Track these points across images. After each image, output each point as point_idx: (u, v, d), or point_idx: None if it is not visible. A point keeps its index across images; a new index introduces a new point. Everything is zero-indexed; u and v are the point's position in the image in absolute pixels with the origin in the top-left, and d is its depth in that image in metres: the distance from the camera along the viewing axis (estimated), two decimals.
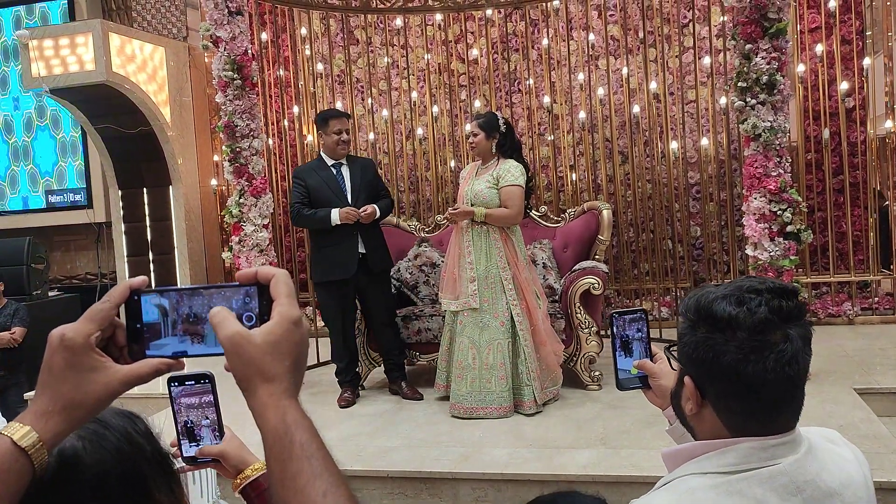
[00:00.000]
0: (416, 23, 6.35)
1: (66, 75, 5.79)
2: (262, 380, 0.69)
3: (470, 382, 3.94)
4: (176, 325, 0.73)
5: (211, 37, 4.68)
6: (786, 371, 1.05)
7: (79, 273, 7.78)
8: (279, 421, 0.68)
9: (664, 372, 1.38)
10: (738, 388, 1.07)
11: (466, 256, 3.99)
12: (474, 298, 3.95)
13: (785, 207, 4.04)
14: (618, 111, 5.98)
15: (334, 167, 4.35)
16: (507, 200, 3.95)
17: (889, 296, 5.57)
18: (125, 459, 0.72)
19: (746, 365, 1.05)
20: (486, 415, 3.93)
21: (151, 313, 0.73)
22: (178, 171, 6.46)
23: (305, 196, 4.29)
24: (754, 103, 4.05)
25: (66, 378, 0.68)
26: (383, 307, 4.43)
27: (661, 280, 5.83)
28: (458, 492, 3.27)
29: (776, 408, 1.08)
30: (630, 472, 3.09)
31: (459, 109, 6.31)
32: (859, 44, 5.62)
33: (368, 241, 4.30)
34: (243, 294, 0.72)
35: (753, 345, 1.04)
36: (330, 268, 4.27)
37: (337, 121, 4.31)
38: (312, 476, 0.67)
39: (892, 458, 3.05)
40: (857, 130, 5.64)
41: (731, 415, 1.10)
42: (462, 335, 4.00)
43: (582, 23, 6.04)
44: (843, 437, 1.20)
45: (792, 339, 1.05)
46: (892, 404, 3.92)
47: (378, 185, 4.51)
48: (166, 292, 0.74)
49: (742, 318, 1.05)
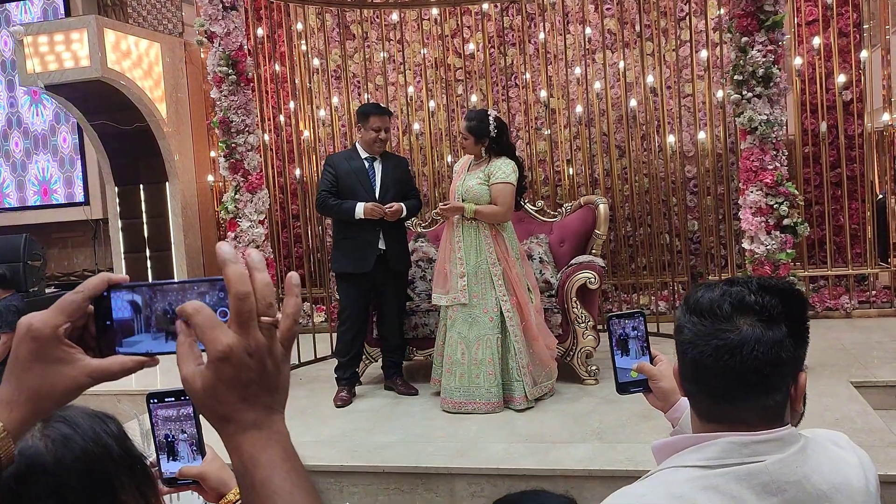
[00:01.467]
0: (412, 17, 6.33)
1: (62, 71, 5.78)
2: (219, 422, 0.66)
3: (459, 377, 3.95)
4: (150, 321, 0.71)
5: (205, 32, 4.66)
6: (725, 360, 1.04)
7: (76, 270, 7.77)
8: (238, 462, 0.66)
9: (664, 374, 1.37)
10: (686, 370, 1.11)
11: (456, 252, 3.99)
12: (463, 294, 3.95)
13: (781, 201, 4.03)
14: (615, 105, 5.97)
15: (367, 160, 4.32)
16: (498, 197, 3.96)
17: (886, 289, 5.56)
18: (90, 460, 0.71)
19: (693, 347, 1.07)
20: (475, 409, 3.92)
21: (123, 309, 0.71)
22: (175, 167, 6.45)
23: (334, 184, 4.25)
24: (750, 96, 4.04)
25: (32, 368, 0.67)
26: (396, 306, 4.41)
27: (659, 274, 5.83)
28: (453, 487, 3.27)
29: (725, 398, 1.07)
30: (626, 467, 3.10)
31: (456, 104, 6.30)
32: (856, 37, 5.61)
33: (390, 239, 4.26)
34: (218, 288, 0.69)
35: (701, 328, 1.07)
36: (347, 260, 4.26)
37: (378, 118, 4.25)
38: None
39: (887, 451, 3.05)
40: (854, 123, 5.63)
41: (690, 398, 1.14)
42: (452, 330, 4.00)
43: (578, 16, 6.02)
44: (851, 442, 1.18)
45: (743, 332, 1.04)
46: (888, 397, 3.92)
47: (409, 184, 4.49)
48: (138, 288, 0.71)
49: (704, 302, 1.07)
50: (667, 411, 1.38)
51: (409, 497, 3.30)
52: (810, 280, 5.57)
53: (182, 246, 6.53)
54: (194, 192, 6.68)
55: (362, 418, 4.03)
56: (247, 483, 0.65)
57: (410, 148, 6.36)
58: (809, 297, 5.51)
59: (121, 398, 4.75)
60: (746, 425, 1.06)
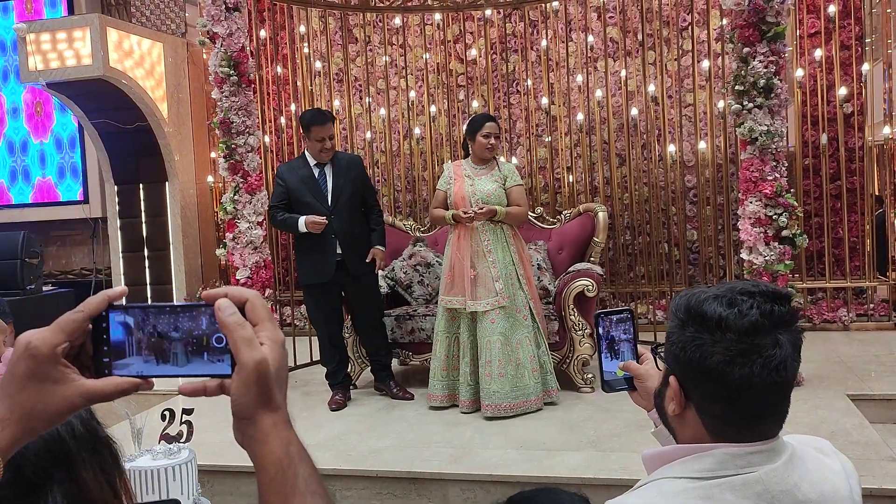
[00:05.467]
0: (414, 22, 6.34)
1: (63, 69, 5.77)
2: (267, 409, 0.67)
3: (511, 380, 3.94)
4: (141, 344, 0.71)
5: (208, 33, 4.66)
6: (773, 377, 1.03)
7: (74, 268, 7.76)
8: (283, 452, 0.67)
9: (650, 374, 1.36)
10: (723, 392, 1.05)
11: (488, 256, 3.98)
12: (503, 296, 3.95)
13: (781, 212, 4.02)
14: (616, 114, 5.97)
15: (316, 167, 4.25)
16: (519, 199, 4.08)
17: (884, 302, 5.56)
18: (50, 436, 0.70)
19: (733, 368, 1.03)
20: (525, 409, 3.95)
21: (117, 331, 0.71)
22: (175, 167, 6.44)
23: (284, 197, 4.22)
24: (751, 107, 4.03)
25: (27, 387, 0.66)
26: (368, 309, 4.38)
27: (657, 283, 5.82)
28: (447, 492, 3.26)
29: (759, 415, 1.06)
30: (620, 476, 3.09)
31: (457, 109, 6.30)
32: (858, 50, 5.61)
33: (346, 245, 4.21)
34: (212, 314, 0.69)
35: (742, 347, 1.02)
36: (309, 271, 4.26)
37: (319, 128, 4.16)
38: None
39: (882, 465, 3.04)
40: (854, 136, 5.63)
41: (713, 419, 1.08)
42: (495, 334, 3.94)
43: (581, 24, 6.03)
44: (833, 448, 1.18)
45: (781, 345, 1.03)
46: (885, 411, 3.91)
47: (365, 184, 4.38)
48: (132, 309, 0.71)
49: (732, 319, 1.03)
50: (650, 410, 1.37)
51: (403, 502, 3.29)
52: (808, 292, 5.56)
53: (180, 246, 6.52)
54: (194, 193, 6.67)
55: (357, 422, 4.02)
56: (290, 475, 0.66)
57: (411, 152, 6.36)
58: (807, 309, 5.51)
59: None
60: (745, 438, 1.06)
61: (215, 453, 3.37)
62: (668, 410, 1.13)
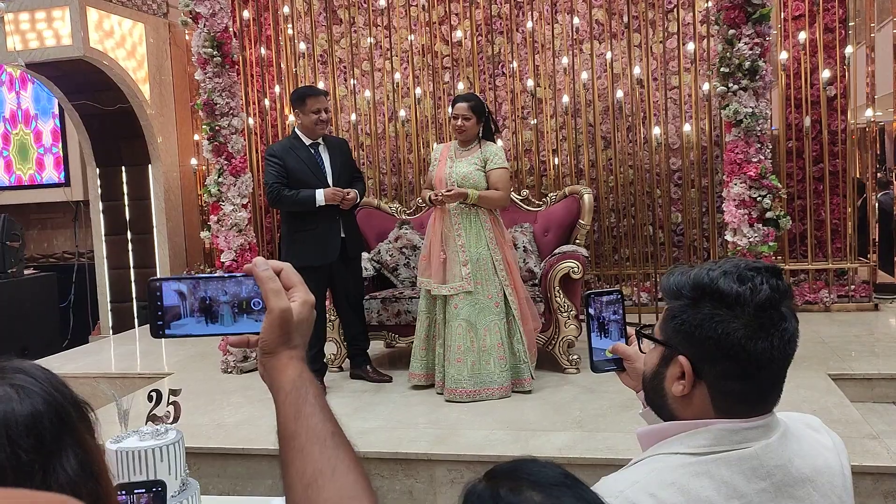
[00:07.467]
0: (399, 3, 6.29)
1: (43, 49, 5.69)
2: (287, 347, 0.83)
3: (470, 366, 3.91)
4: (193, 307, 0.85)
5: (190, 12, 4.61)
6: (787, 349, 1.06)
7: (55, 251, 7.69)
8: (297, 376, 0.83)
9: (639, 355, 1.37)
10: (740, 368, 1.06)
11: (457, 240, 3.94)
12: (468, 281, 3.91)
13: (765, 194, 4.05)
14: (601, 96, 5.97)
15: (312, 147, 4.21)
16: (498, 182, 3.95)
17: (865, 284, 5.62)
18: (55, 402, 0.75)
19: (756, 342, 1.04)
20: (488, 396, 3.90)
21: (171, 297, 0.84)
22: (158, 149, 6.38)
23: (283, 176, 4.12)
24: (736, 89, 4.05)
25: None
26: (353, 292, 4.37)
27: (642, 265, 5.85)
28: (433, 473, 3.28)
29: (771, 389, 1.09)
30: (606, 455, 3.12)
31: (443, 91, 6.27)
32: (842, 33, 5.63)
33: (347, 225, 4.22)
34: (252, 282, 0.85)
35: (760, 322, 1.04)
36: (310, 252, 4.11)
37: (314, 99, 4.13)
38: (324, 419, 0.81)
39: (863, 443, 3.09)
40: (837, 119, 5.67)
41: (726, 396, 1.08)
42: (456, 319, 3.93)
43: (567, 6, 6.00)
44: (824, 425, 1.20)
45: (789, 318, 1.06)
46: (865, 390, 3.97)
47: (352, 167, 4.43)
48: (184, 280, 0.86)
49: (748, 295, 1.04)
50: (639, 391, 1.38)
51: (389, 482, 3.31)
52: (791, 273, 5.62)
53: (164, 229, 6.48)
54: (177, 176, 6.62)
55: (343, 404, 4.02)
56: (302, 391, 0.82)
57: (396, 135, 6.33)
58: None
59: (99, 380, 4.72)
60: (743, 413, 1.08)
61: (203, 436, 3.36)
62: (671, 392, 1.12)
